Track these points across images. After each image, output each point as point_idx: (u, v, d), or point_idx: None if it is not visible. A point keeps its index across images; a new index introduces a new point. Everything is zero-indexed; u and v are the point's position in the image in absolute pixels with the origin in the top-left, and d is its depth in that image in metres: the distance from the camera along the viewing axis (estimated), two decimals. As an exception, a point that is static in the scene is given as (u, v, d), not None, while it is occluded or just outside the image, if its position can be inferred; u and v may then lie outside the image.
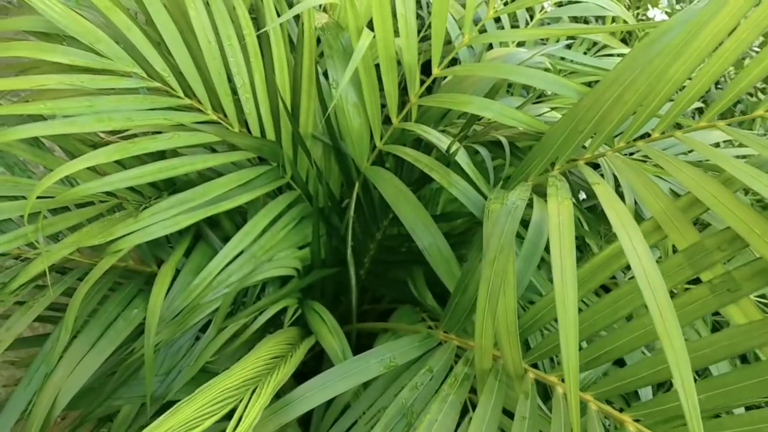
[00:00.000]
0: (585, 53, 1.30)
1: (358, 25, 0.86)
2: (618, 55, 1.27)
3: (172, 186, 0.94)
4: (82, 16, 0.92)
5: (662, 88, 0.66)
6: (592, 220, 0.94)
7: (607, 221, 0.61)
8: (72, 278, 0.88)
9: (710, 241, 0.58)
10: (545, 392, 0.71)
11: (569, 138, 0.76)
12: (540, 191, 0.77)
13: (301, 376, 0.80)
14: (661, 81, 0.68)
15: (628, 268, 0.59)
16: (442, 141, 0.84)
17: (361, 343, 1.11)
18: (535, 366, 0.70)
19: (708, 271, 0.58)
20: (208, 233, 0.99)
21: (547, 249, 0.71)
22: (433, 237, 0.85)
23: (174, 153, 0.90)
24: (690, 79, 0.68)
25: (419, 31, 1.46)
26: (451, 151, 0.81)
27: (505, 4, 0.87)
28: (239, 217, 1.04)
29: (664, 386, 1.12)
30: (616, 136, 0.72)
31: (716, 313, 0.74)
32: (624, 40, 1.43)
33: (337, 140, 0.99)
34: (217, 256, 0.94)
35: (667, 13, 1.52)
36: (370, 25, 0.90)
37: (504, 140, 0.86)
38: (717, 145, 1.15)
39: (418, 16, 1.46)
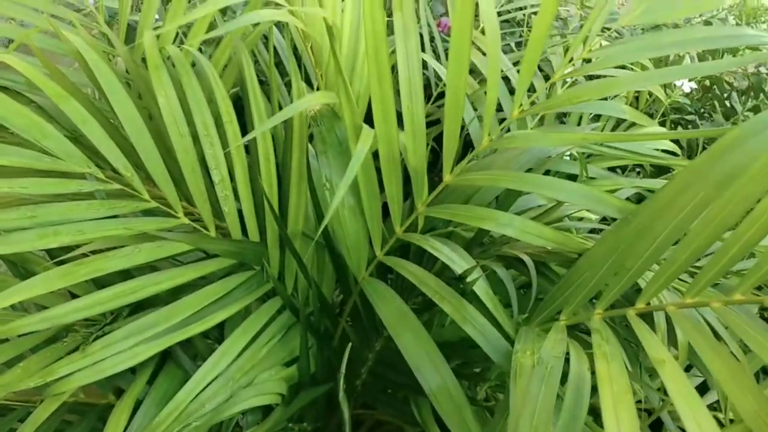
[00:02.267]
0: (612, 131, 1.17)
1: (355, 122, 0.73)
2: (651, 135, 1.13)
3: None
4: (31, 101, 0.79)
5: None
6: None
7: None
8: (12, 420, 0.74)
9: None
10: None
11: (613, 270, 0.62)
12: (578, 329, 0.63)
13: None
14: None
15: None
16: (455, 262, 0.70)
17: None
18: None
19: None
20: (178, 352, 0.84)
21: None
22: (442, 378, 0.70)
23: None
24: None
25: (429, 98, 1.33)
26: (468, 279, 0.67)
27: (532, 104, 0.73)
28: (215, 329, 0.90)
29: None
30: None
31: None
32: (650, 114, 1.31)
33: (332, 240, 0.85)
34: (188, 384, 0.79)
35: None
36: (370, 116, 0.77)
37: (528, 260, 0.72)
38: None
39: (426, 83, 1.34)
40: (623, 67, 1.15)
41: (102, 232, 0.71)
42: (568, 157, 1.01)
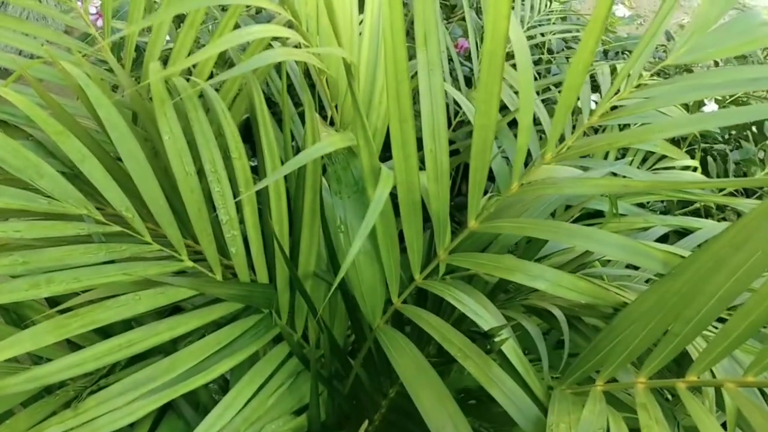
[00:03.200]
0: (638, 167, 1.11)
1: (373, 163, 0.68)
2: (682, 168, 1.07)
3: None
4: (30, 135, 0.74)
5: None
6: None
7: None
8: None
9: None
10: None
11: (657, 332, 0.56)
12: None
13: None
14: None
15: None
16: (481, 317, 0.65)
17: None
18: None
19: None
20: (180, 403, 0.79)
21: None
22: (464, 441, 0.64)
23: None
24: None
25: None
26: (497, 339, 0.61)
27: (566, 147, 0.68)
28: (219, 376, 0.84)
29: None
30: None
31: None
32: (676, 141, 1.25)
33: (346, 284, 0.79)
34: (189, 440, 0.73)
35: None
36: (386, 148, 0.72)
37: (559, 314, 0.66)
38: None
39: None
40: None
41: (100, 278, 0.66)
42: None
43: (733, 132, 1.58)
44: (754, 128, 1.58)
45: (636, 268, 0.90)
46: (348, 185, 0.74)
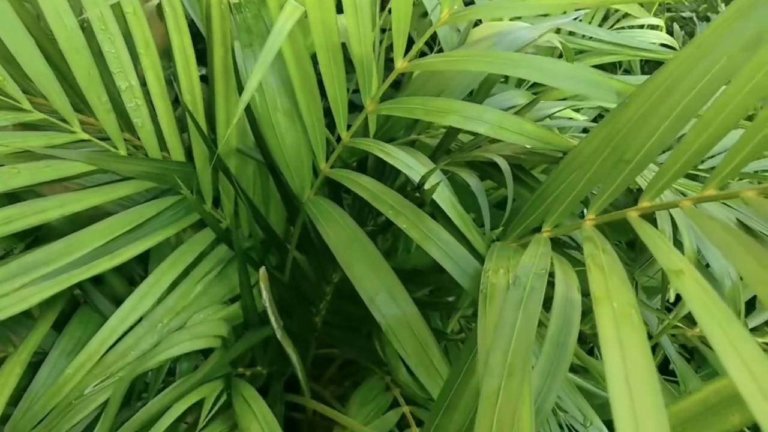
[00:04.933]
0: (600, 26, 1.02)
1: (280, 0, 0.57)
2: (647, 27, 0.98)
3: (27, 235, 0.66)
4: None
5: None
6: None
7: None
8: None
9: None
10: None
11: (608, 167, 0.49)
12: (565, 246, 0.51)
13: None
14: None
15: None
16: (412, 169, 0.57)
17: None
18: None
19: None
20: (93, 294, 0.71)
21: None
22: (400, 309, 0.57)
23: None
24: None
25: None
26: (427, 187, 0.54)
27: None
28: (138, 264, 0.77)
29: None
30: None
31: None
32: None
33: (271, 156, 0.71)
34: (102, 330, 0.66)
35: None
36: None
37: (503, 163, 0.58)
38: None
39: None
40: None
41: (-33, 150, 0.56)
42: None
43: (704, 5, 1.49)
44: (723, 5, 1.49)
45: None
46: (260, 36, 0.64)
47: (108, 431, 0.63)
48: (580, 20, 0.94)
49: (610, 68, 1.09)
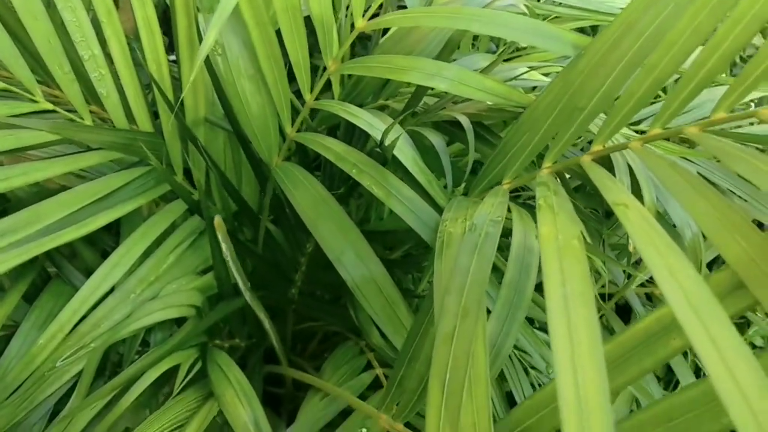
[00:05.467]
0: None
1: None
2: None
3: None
4: None
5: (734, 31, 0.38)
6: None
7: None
8: None
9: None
10: None
11: (563, 117, 0.50)
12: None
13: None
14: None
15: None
16: (375, 128, 0.57)
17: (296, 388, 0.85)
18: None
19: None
20: (64, 265, 0.71)
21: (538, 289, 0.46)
22: (367, 268, 0.58)
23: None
24: None
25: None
26: (387, 143, 0.54)
27: None
28: (111, 238, 0.77)
29: None
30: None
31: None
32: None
33: (239, 124, 0.71)
34: (72, 301, 0.66)
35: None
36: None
37: (465, 120, 0.59)
38: None
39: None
40: None
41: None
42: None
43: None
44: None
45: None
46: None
47: (86, 392, 0.63)
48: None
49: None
